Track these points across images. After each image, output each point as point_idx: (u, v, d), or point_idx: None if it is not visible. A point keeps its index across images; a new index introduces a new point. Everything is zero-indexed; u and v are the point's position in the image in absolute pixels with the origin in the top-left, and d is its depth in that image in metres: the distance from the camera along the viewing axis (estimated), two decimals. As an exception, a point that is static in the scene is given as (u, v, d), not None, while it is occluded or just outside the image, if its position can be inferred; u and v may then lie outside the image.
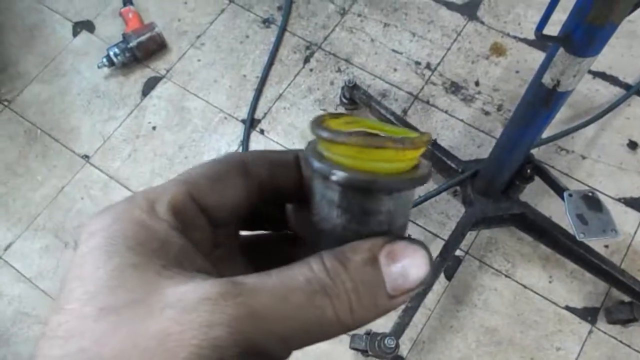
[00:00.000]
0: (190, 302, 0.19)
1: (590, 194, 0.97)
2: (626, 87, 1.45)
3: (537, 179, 1.14)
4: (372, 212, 0.22)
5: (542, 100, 0.84)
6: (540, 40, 0.69)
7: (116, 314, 0.19)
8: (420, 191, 1.34)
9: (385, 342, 1.12)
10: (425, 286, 0.23)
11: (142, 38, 1.53)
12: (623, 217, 1.32)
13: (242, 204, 0.25)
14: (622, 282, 1.18)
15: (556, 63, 0.76)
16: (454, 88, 1.48)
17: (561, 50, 0.74)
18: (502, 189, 1.16)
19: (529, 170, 1.09)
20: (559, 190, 1.01)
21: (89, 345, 0.18)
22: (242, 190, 0.25)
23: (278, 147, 1.44)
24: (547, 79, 0.80)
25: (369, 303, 0.21)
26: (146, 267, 0.20)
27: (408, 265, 0.21)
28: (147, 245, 0.21)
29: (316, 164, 0.22)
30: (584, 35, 0.69)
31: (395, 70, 1.51)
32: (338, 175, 0.21)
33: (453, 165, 1.24)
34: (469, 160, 1.24)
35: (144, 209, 0.22)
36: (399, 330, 1.14)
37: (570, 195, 0.97)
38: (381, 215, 0.22)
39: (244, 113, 1.48)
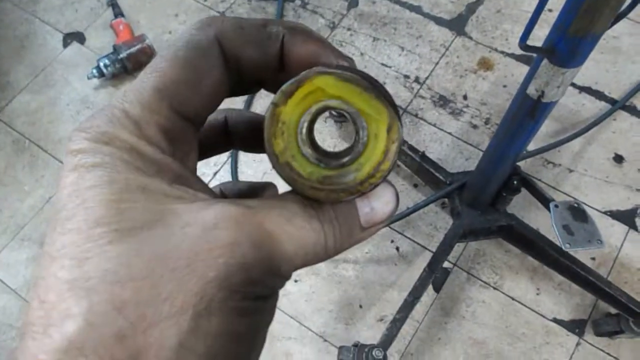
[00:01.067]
0: (211, 222, 0.19)
1: (575, 205, 0.98)
2: (612, 101, 1.47)
3: (524, 191, 1.15)
4: None
5: (527, 111, 0.86)
6: (525, 51, 0.70)
7: (133, 236, 0.18)
8: (408, 203, 1.34)
9: (373, 353, 1.11)
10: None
11: (133, 49, 1.54)
12: (609, 230, 1.33)
13: (221, 97, 0.24)
14: (609, 294, 1.19)
15: (540, 74, 0.77)
16: (443, 102, 1.49)
17: (545, 61, 0.75)
18: (490, 201, 1.17)
19: (515, 182, 1.10)
20: (545, 201, 1.02)
21: (114, 267, 0.18)
22: (223, 81, 0.23)
23: (267, 161, 1.44)
24: (531, 90, 0.81)
25: (346, 232, 0.23)
26: (153, 188, 0.20)
27: (378, 202, 0.24)
28: (145, 171, 0.20)
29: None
30: (567, 46, 0.71)
31: (384, 83, 1.52)
32: None
33: (441, 178, 1.25)
34: (456, 172, 1.25)
35: (133, 132, 0.20)
36: (386, 341, 1.13)
37: (556, 206, 0.97)
38: None
39: (233, 125, 1.49)
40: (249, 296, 0.19)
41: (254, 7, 1.66)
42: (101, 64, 1.52)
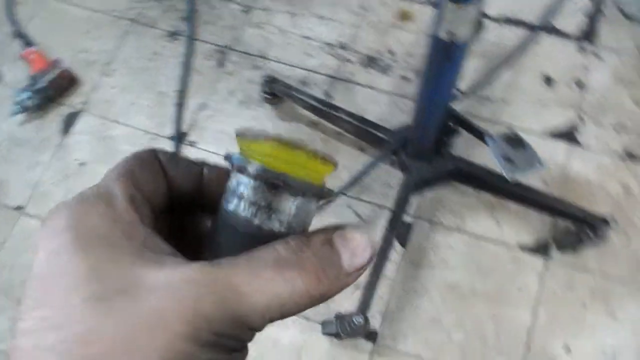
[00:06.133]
0: (176, 283, 0.21)
1: (510, 133, 1.00)
2: (531, 26, 1.49)
3: (465, 131, 1.17)
4: (275, 209, 0.24)
5: (443, 54, 0.86)
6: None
7: (104, 302, 0.20)
8: (358, 167, 1.35)
9: (354, 320, 1.13)
10: (372, 262, 0.25)
11: (50, 76, 1.49)
12: (554, 150, 1.36)
13: (165, 194, 0.28)
14: (563, 210, 1.23)
15: (445, 15, 0.78)
16: (371, 61, 1.50)
17: (446, 1, 0.76)
18: (433, 148, 1.18)
19: (452, 125, 1.12)
20: (481, 136, 1.04)
21: (87, 330, 0.20)
22: (163, 181, 0.27)
23: (212, 157, 1.43)
24: (441, 33, 0.82)
25: (331, 276, 0.24)
26: (121, 259, 0.22)
27: (357, 246, 0.25)
28: (116, 238, 0.22)
29: (237, 158, 0.25)
30: (462, -18, 0.71)
31: (310, 56, 1.52)
32: (254, 166, 0.24)
33: (383, 136, 1.26)
34: (396, 128, 1.26)
35: (104, 204, 0.23)
36: (364, 306, 1.15)
37: (492, 139, 0.99)
38: (282, 215, 0.25)
39: (170, 129, 1.47)
40: (216, 349, 0.21)
41: (165, 8, 1.62)
42: (21, 98, 1.47)
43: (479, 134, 1.05)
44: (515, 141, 0.99)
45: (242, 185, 0.24)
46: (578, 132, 1.38)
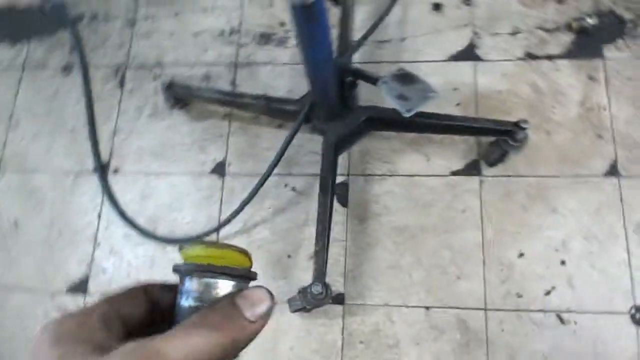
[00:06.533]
0: (117, 353, 0.28)
1: (398, 72, 1.02)
2: (407, -41, 1.51)
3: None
4: (206, 295, 0.33)
5: (306, 17, 0.87)
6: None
7: None
8: (277, 142, 1.36)
9: (312, 290, 1.15)
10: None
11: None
12: (460, 72, 1.39)
13: (141, 314, 0.36)
14: (480, 127, 1.26)
15: (288, -20, 0.78)
16: (265, 38, 1.50)
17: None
18: (340, 105, 1.20)
19: (349, 78, 1.13)
20: (375, 82, 1.06)
21: None
22: (141, 308, 0.35)
23: (139, 178, 1.42)
24: (294, -2, 0.82)
25: (236, 326, 0.31)
26: (82, 349, 0.29)
27: (257, 299, 0.33)
28: (82, 337, 0.30)
29: (175, 265, 0.34)
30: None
31: (206, 50, 1.51)
32: (184, 266, 0.33)
33: (292, 107, 1.27)
34: (299, 97, 1.27)
35: (82, 317, 0.31)
36: (320, 274, 1.17)
37: (383, 82, 1.01)
38: (209, 297, 0.33)
39: (91, 163, 1.45)
40: None
41: (49, 45, 1.59)
42: None
43: (373, 81, 1.06)
44: (405, 77, 1.01)
45: (185, 283, 0.33)
46: (477, 47, 1.41)
